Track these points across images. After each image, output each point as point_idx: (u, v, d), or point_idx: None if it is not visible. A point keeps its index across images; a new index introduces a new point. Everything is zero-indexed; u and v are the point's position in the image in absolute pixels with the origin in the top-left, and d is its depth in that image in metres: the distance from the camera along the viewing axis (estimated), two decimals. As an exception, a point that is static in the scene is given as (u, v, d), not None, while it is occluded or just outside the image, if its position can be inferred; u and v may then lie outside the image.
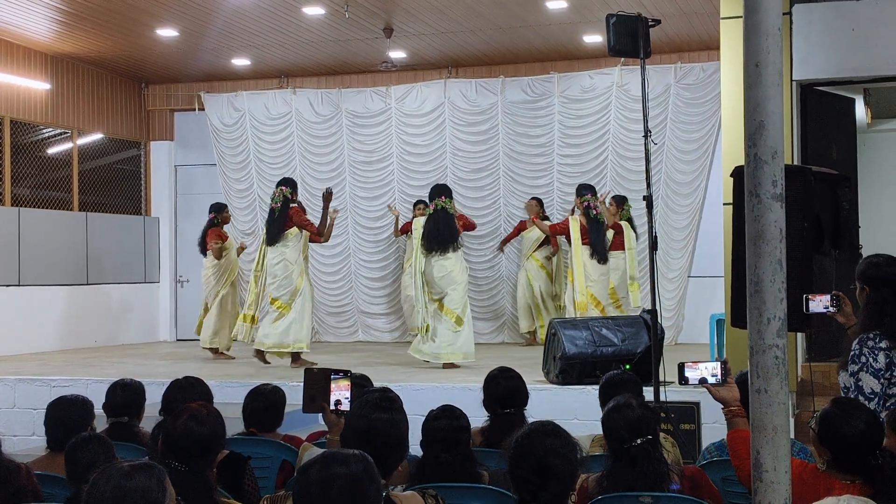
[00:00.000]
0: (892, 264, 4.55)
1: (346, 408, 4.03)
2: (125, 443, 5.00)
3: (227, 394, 8.27)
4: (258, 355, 10.46)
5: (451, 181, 12.91)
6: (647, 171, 7.02)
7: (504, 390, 5.02)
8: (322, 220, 10.54)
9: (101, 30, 11.92)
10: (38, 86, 12.92)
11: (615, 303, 11.17)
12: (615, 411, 3.87)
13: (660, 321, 7.36)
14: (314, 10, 11.04)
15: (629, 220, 11.81)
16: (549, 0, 10.77)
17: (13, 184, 12.61)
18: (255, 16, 11.28)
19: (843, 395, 4.38)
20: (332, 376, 4.10)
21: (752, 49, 2.87)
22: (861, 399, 4.24)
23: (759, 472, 2.84)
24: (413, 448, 3.87)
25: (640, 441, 3.77)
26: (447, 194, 10.34)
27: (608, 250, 11.05)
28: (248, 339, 10.87)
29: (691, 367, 3.88)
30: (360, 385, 4.44)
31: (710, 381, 3.86)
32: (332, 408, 4.07)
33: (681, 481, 3.89)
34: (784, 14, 6.99)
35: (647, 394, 6.20)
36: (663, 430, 5.56)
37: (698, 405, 7.59)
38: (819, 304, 4.76)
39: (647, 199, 6.99)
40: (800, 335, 8.27)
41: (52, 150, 13.51)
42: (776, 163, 2.85)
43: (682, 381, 3.89)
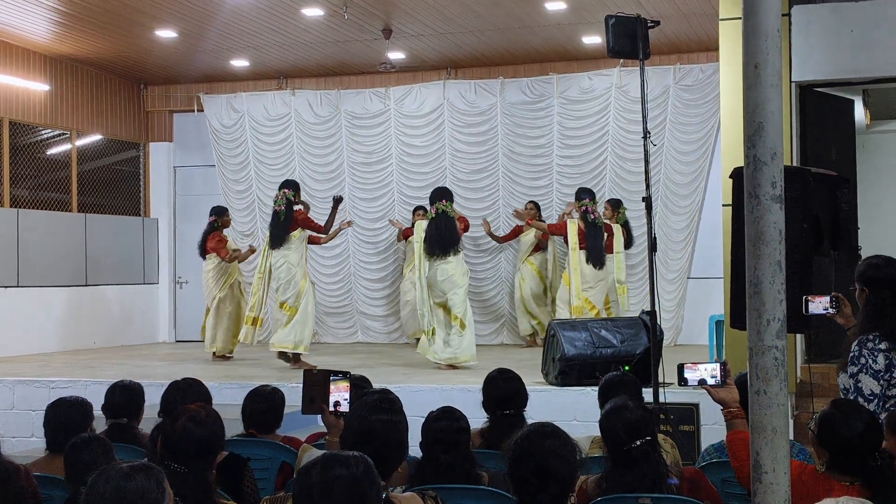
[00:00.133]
0: (891, 265, 4.55)
1: (345, 409, 4.04)
2: (124, 444, 5.00)
3: (227, 395, 8.28)
4: (282, 356, 10.50)
5: (450, 182, 12.90)
6: (647, 172, 7.02)
7: (503, 392, 5.02)
8: (328, 222, 10.64)
9: (100, 31, 11.92)
10: (37, 87, 12.92)
11: (606, 306, 11.17)
12: (613, 413, 3.86)
13: (659, 322, 7.36)
14: (313, 12, 11.04)
15: (625, 224, 11.80)
16: (549, 1, 10.76)
17: (12, 185, 12.60)
18: (253, 17, 11.27)
19: (843, 397, 4.38)
20: (332, 378, 4.10)
21: (752, 50, 2.87)
22: (861, 400, 4.24)
23: (759, 474, 2.85)
24: (412, 449, 3.87)
25: (639, 443, 3.76)
26: (448, 198, 10.35)
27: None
28: (253, 341, 10.84)
29: (690, 368, 3.87)
30: (360, 386, 4.44)
31: (710, 382, 3.86)
32: (332, 409, 4.08)
33: (680, 482, 3.89)
34: (783, 15, 7.00)
35: (647, 395, 6.21)
36: (662, 432, 5.56)
37: (697, 406, 7.59)
38: (818, 305, 4.76)
39: (647, 201, 6.98)
40: (799, 336, 8.27)
41: (51, 152, 13.50)
42: (775, 164, 2.85)
43: (682, 382, 3.89)
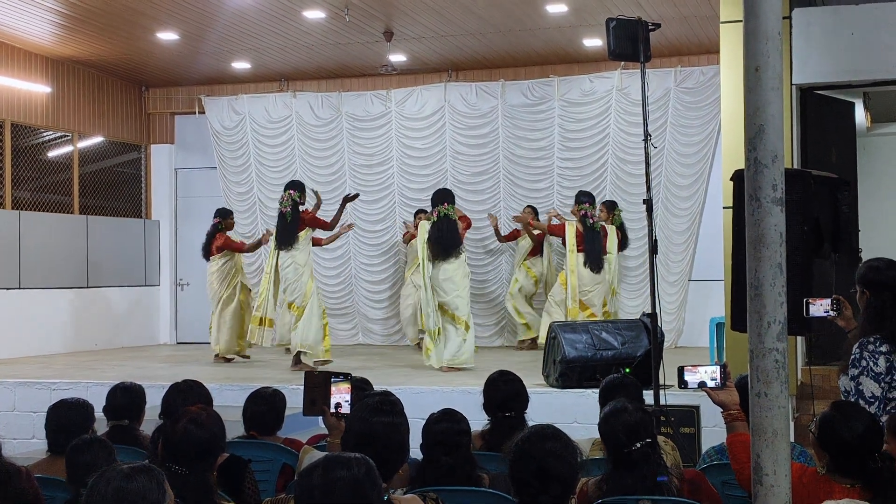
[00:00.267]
0: (892, 268, 4.55)
1: (346, 411, 4.04)
2: (125, 446, 5.00)
3: (228, 397, 8.29)
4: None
5: (450, 184, 12.89)
6: (647, 174, 7.02)
7: (504, 394, 5.02)
8: (335, 218, 10.74)
9: (102, 33, 11.93)
10: (39, 89, 12.93)
11: (604, 308, 11.15)
12: (612, 416, 3.85)
13: (660, 325, 7.36)
14: (314, 14, 11.05)
15: (621, 226, 11.81)
16: (550, 3, 10.77)
17: (14, 187, 12.61)
18: (255, 19, 11.28)
19: (844, 399, 4.38)
20: (333, 379, 4.10)
21: (752, 53, 2.87)
22: (861, 403, 4.24)
23: (759, 476, 2.85)
24: (413, 451, 3.87)
25: (639, 445, 3.76)
26: (450, 200, 10.34)
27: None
28: (262, 341, 10.79)
29: (690, 370, 3.86)
30: (361, 388, 4.45)
31: (710, 384, 3.85)
32: (333, 411, 4.08)
33: (680, 484, 3.89)
34: (784, 18, 7.00)
35: (647, 397, 6.21)
36: (663, 434, 5.56)
37: (698, 409, 7.59)
38: (819, 307, 4.76)
39: (647, 203, 6.98)
40: (800, 339, 8.27)
41: (53, 154, 13.51)
42: (776, 166, 2.86)
43: (682, 384, 3.87)
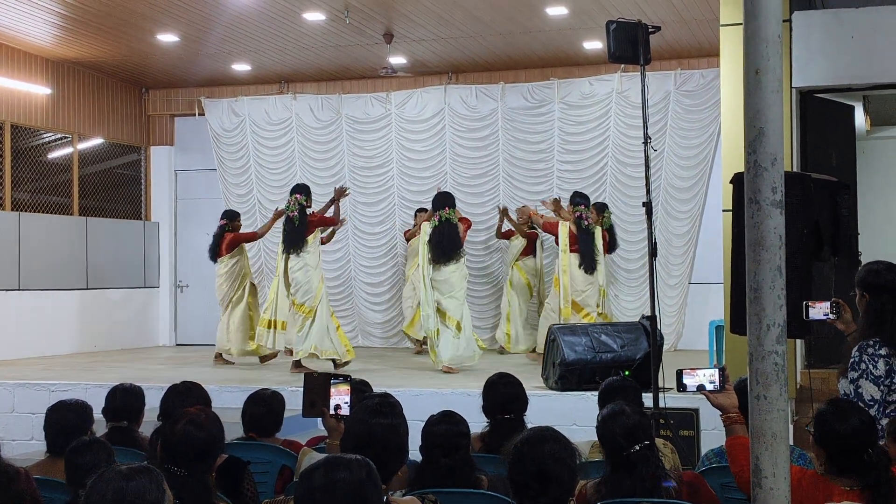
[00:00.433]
0: (891, 271, 4.55)
1: (345, 412, 4.04)
2: (124, 447, 4.99)
3: (226, 398, 8.30)
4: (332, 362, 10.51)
5: (450, 187, 12.89)
6: (647, 177, 7.03)
7: (503, 396, 5.03)
8: (335, 212, 10.78)
9: (102, 35, 11.93)
10: (39, 90, 12.93)
11: (598, 310, 11.14)
12: (610, 419, 3.84)
13: (659, 327, 7.36)
14: (314, 16, 11.05)
15: (610, 228, 11.82)
16: (550, 6, 10.77)
17: (13, 188, 12.61)
18: (255, 21, 11.28)
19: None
20: (332, 381, 4.11)
21: (752, 56, 2.87)
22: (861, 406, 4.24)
23: (759, 479, 2.85)
24: (413, 453, 3.87)
25: (637, 447, 3.75)
26: (451, 204, 10.39)
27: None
28: (274, 345, 10.73)
29: (689, 373, 3.85)
30: (360, 390, 4.45)
31: (709, 387, 3.84)
32: (332, 412, 4.08)
33: (679, 486, 3.89)
34: (784, 21, 7.00)
35: (647, 400, 6.21)
36: (662, 437, 5.56)
37: (697, 412, 7.58)
38: (819, 311, 4.76)
39: (647, 206, 6.99)
40: (799, 342, 8.26)
41: (53, 155, 13.52)
42: (776, 169, 2.86)
43: (681, 387, 3.86)
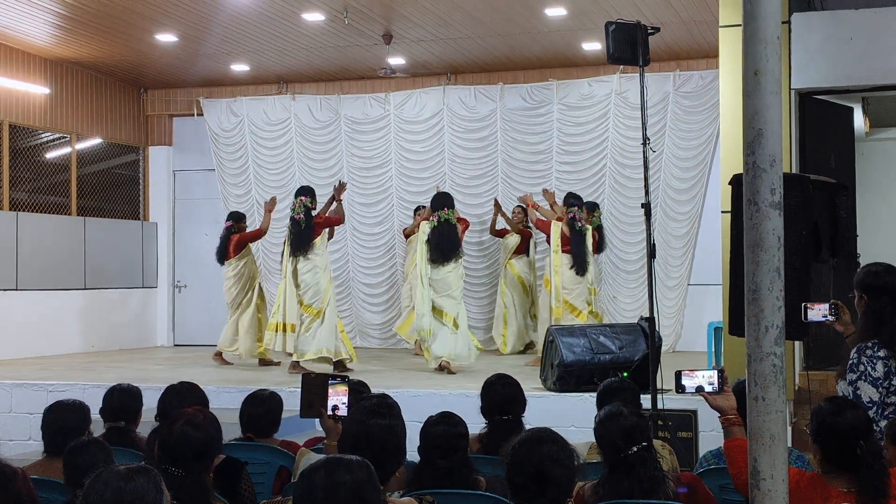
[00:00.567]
0: (890, 273, 4.55)
1: (343, 413, 4.03)
2: (122, 448, 4.98)
3: (224, 399, 8.29)
4: (337, 365, 10.44)
5: (449, 187, 12.88)
6: (646, 178, 7.02)
7: (501, 397, 5.02)
8: (339, 210, 10.76)
9: (101, 35, 11.92)
10: (38, 90, 12.92)
11: (589, 308, 11.14)
12: (608, 420, 3.83)
13: (658, 329, 7.36)
14: (313, 17, 11.05)
15: (599, 228, 11.84)
16: (549, 7, 10.77)
17: (11, 188, 12.61)
18: (254, 21, 11.28)
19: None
20: (330, 382, 4.10)
21: (751, 57, 2.87)
22: (859, 408, 4.24)
23: (757, 480, 2.85)
24: (411, 454, 3.87)
25: (635, 449, 3.75)
26: (449, 205, 10.39)
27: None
28: (284, 348, 10.62)
29: (688, 375, 3.85)
30: (358, 391, 4.44)
31: (707, 389, 3.83)
32: (330, 413, 4.07)
33: (676, 487, 3.88)
34: (783, 23, 7.01)
35: (645, 401, 6.20)
36: (660, 438, 5.56)
37: (696, 413, 7.58)
38: (818, 312, 4.76)
39: (646, 207, 6.98)
40: (797, 343, 8.26)
41: (51, 155, 13.51)
42: (774, 171, 2.85)
43: (679, 389, 3.86)
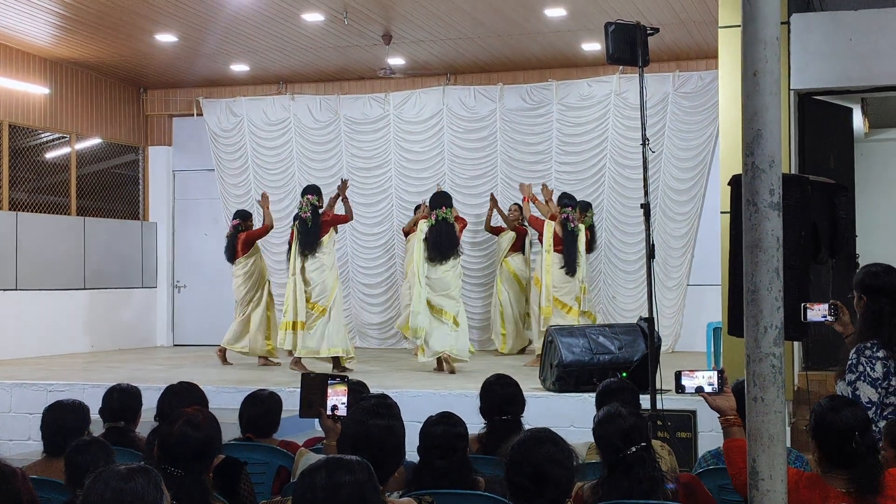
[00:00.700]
0: (889, 273, 4.55)
1: (342, 413, 4.04)
2: (121, 448, 4.98)
3: (224, 399, 8.28)
4: (335, 365, 10.42)
5: (449, 188, 12.87)
6: (645, 178, 7.02)
7: (501, 397, 5.03)
8: (346, 208, 10.86)
9: (101, 35, 11.92)
10: (37, 90, 12.92)
11: (579, 306, 11.15)
12: (607, 421, 3.83)
13: (657, 329, 7.36)
14: (313, 17, 11.05)
15: (591, 227, 11.85)
16: (548, 8, 10.78)
17: (11, 188, 12.61)
18: (254, 22, 11.28)
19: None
20: (329, 382, 4.10)
21: (751, 58, 2.87)
22: (858, 408, 4.24)
23: (756, 481, 2.85)
24: (410, 454, 3.87)
25: (634, 449, 3.75)
26: (448, 203, 10.44)
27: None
28: (293, 345, 10.56)
29: (688, 375, 3.85)
30: (357, 391, 4.44)
31: (707, 389, 3.83)
32: (329, 413, 4.07)
33: (676, 488, 3.88)
34: (782, 23, 7.02)
35: (644, 402, 6.20)
36: (659, 438, 5.56)
37: (695, 413, 7.58)
38: (817, 313, 4.77)
39: (645, 207, 6.98)
40: (796, 344, 8.26)
41: (51, 155, 13.50)
42: (774, 171, 2.86)
43: (679, 389, 3.86)
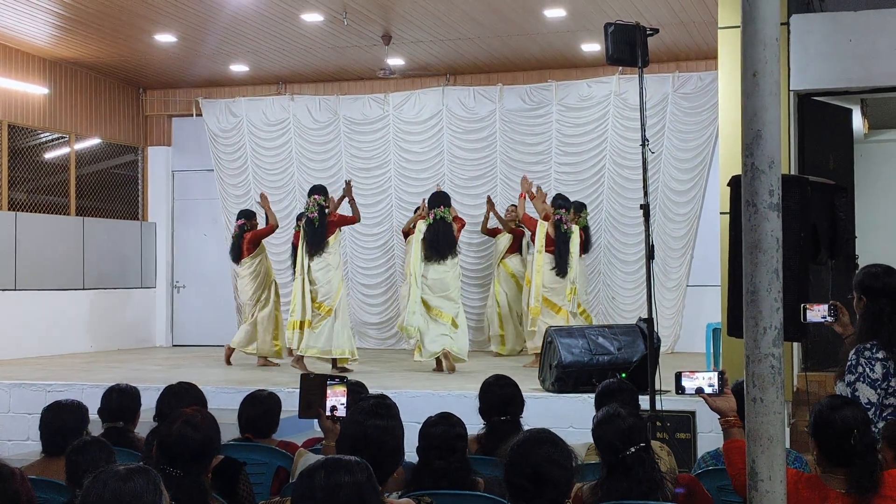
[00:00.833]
0: (889, 274, 4.55)
1: (341, 414, 4.03)
2: (120, 448, 4.98)
3: (223, 399, 8.28)
4: (335, 366, 10.41)
5: (448, 188, 12.86)
6: (645, 179, 7.02)
7: (500, 398, 5.02)
8: (353, 209, 10.79)
9: (100, 35, 11.92)
10: (37, 90, 12.92)
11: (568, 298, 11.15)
12: (605, 422, 3.82)
13: (657, 330, 7.36)
14: (313, 17, 11.05)
15: (585, 229, 11.86)
16: (548, 8, 10.77)
17: (10, 188, 12.60)
18: (253, 22, 11.28)
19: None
20: (329, 382, 4.10)
21: (750, 58, 2.87)
22: (857, 409, 4.24)
23: (755, 481, 2.85)
24: (409, 455, 3.87)
25: (633, 450, 3.74)
26: (446, 203, 10.47)
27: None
28: (299, 345, 10.51)
29: (688, 376, 3.84)
30: (356, 392, 4.44)
31: (707, 390, 3.83)
32: (328, 414, 4.07)
33: (675, 487, 3.88)
34: (782, 24, 7.01)
35: (644, 402, 6.20)
36: (659, 439, 5.56)
37: (694, 414, 7.59)
38: (817, 313, 4.76)
39: (644, 208, 6.98)
40: (796, 344, 8.26)
41: (50, 155, 13.50)
42: (773, 172, 2.85)
43: (679, 390, 3.86)
